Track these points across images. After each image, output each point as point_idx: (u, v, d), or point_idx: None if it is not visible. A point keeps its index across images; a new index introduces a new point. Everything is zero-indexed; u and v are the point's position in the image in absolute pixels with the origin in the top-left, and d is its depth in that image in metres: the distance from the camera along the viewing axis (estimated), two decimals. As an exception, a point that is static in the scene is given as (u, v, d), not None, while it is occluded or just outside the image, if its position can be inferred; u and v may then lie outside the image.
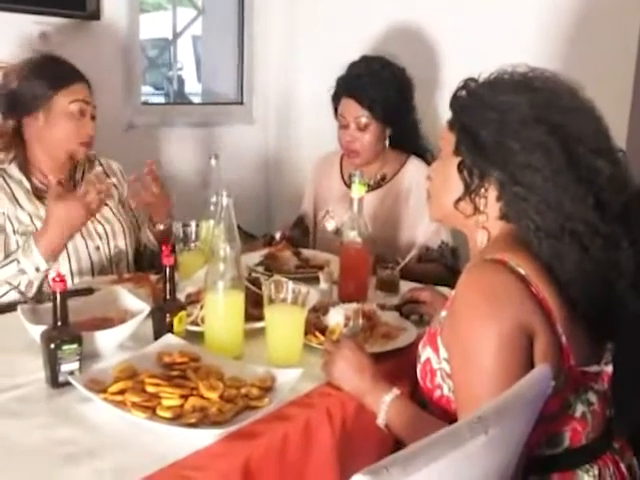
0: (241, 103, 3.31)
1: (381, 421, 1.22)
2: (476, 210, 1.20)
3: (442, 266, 2.15)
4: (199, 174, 3.13)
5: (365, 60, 2.28)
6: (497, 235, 1.21)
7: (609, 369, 1.21)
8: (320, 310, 1.57)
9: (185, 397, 1.13)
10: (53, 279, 1.21)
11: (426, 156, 2.29)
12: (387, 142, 2.25)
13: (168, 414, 1.09)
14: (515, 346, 1.07)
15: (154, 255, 1.99)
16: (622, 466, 1.22)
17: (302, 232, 2.42)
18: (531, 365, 1.08)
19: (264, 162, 3.43)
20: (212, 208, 1.93)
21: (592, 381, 1.18)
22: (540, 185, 1.10)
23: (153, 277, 1.77)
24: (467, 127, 1.18)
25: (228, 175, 3.22)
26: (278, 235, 2.24)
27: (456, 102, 1.24)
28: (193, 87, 4.04)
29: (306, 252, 2.10)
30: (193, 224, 1.89)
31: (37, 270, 1.70)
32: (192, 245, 1.89)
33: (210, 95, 3.50)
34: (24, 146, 1.87)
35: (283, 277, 1.82)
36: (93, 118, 1.92)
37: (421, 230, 2.16)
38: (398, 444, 1.23)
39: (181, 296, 1.56)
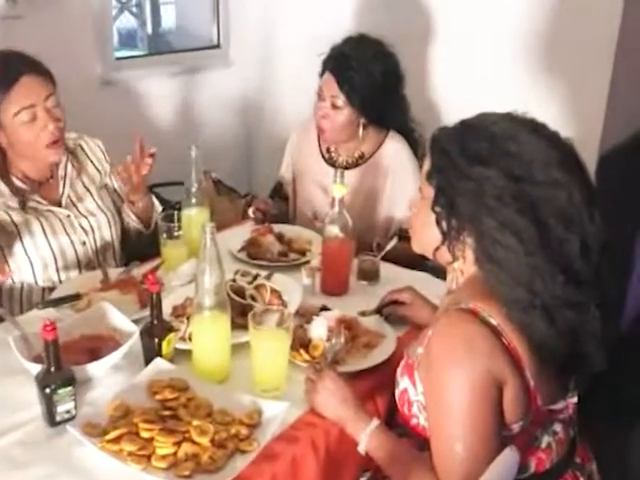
0: (218, 46, 3.22)
1: (362, 449, 1.30)
2: (454, 258, 1.24)
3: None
4: (179, 125, 3.09)
5: (360, 42, 2.18)
6: (471, 276, 1.24)
7: (574, 399, 1.29)
8: (304, 317, 1.62)
9: (178, 443, 1.21)
10: (44, 327, 1.24)
11: (408, 133, 2.26)
12: (360, 130, 2.19)
13: (163, 464, 1.17)
14: (485, 394, 1.14)
15: (141, 234, 2.01)
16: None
17: (281, 199, 2.42)
18: (500, 410, 1.16)
19: (243, 108, 3.37)
20: (193, 200, 1.94)
21: (558, 414, 1.26)
22: (512, 265, 1.12)
23: (137, 274, 1.79)
24: (443, 191, 1.19)
25: (207, 118, 3.17)
26: (251, 211, 2.23)
27: (432, 156, 1.23)
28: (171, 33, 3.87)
29: (288, 232, 2.12)
30: (175, 215, 1.90)
31: None
32: (175, 234, 1.89)
33: (187, 39, 3.38)
34: (3, 152, 1.82)
35: (267, 265, 1.88)
36: (49, 112, 1.74)
37: (399, 210, 2.18)
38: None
39: (167, 303, 1.60)
